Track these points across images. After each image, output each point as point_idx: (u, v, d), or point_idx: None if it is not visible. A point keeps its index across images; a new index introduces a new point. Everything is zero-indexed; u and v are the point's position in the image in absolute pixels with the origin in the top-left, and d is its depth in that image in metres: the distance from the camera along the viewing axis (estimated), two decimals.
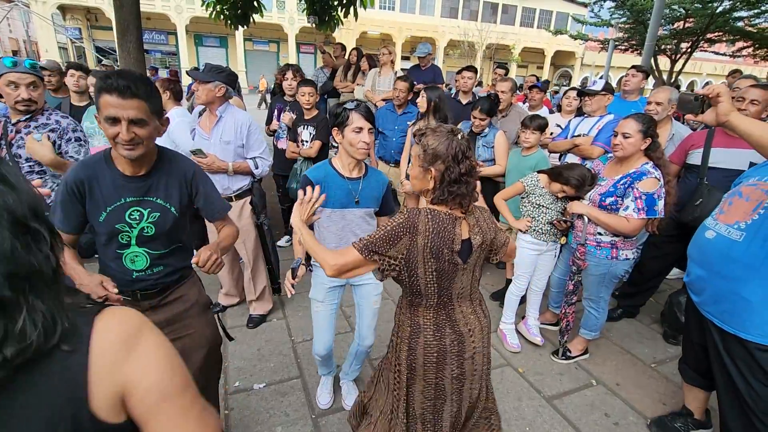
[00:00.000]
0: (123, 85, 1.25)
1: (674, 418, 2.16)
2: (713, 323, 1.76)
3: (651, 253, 3.03)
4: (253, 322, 2.92)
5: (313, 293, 2.04)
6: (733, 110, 1.53)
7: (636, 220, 2.20)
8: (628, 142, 2.22)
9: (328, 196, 1.81)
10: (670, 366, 2.69)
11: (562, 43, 29.64)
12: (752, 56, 11.75)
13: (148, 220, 1.45)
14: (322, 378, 2.29)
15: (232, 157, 2.60)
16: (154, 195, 1.46)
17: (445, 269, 1.32)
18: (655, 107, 2.92)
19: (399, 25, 28.62)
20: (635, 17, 11.59)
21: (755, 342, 1.60)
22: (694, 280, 1.87)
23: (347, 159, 1.83)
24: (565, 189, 2.45)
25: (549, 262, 2.76)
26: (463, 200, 1.32)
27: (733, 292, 1.65)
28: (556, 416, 2.25)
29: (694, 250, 1.90)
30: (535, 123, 2.96)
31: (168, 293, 1.58)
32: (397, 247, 1.30)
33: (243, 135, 2.60)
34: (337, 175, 1.84)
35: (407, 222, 1.29)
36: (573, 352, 2.69)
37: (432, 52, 5.19)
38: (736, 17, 10.43)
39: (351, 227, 1.89)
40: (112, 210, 1.41)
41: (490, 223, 1.42)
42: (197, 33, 26.06)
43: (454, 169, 1.27)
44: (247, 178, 2.73)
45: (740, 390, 1.67)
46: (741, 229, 1.64)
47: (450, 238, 1.29)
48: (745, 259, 1.60)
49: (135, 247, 1.47)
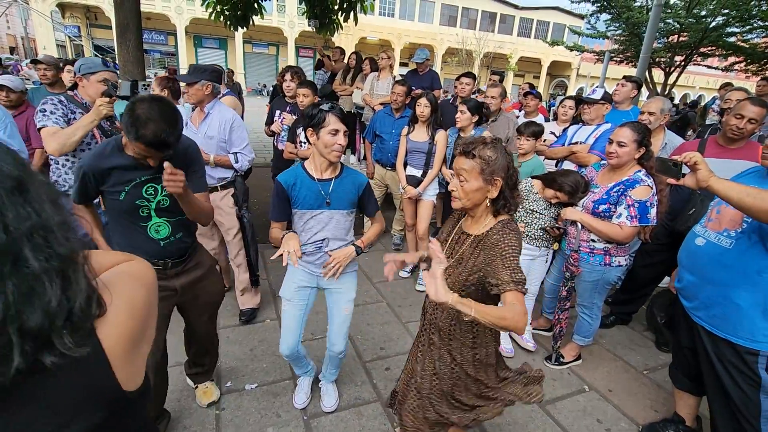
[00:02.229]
0: (160, 143, 1.47)
1: (666, 425, 2.18)
2: (704, 328, 1.79)
3: (643, 261, 3.06)
4: (246, 315, 2.97)
5: (282, 291, 2.04)
6: (711, 176, 1.58)
7: (629, 227, 2.22)
8: (623, 150, 2.25)
9: (299, 198, 1.86)
10: (662, 373, 2.70)
11: (559, 54, 29.99)
12: (743, 71, 11.94)
13: (162, 194, 1.66)
14: (300, 378, 2.29)
15: (214, 150, 2.75)
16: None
17: None
18: (648, 117, 2.96)
19: (398, 31, 28.84)
20: (631, 30, 11.75)
21: (745, 346, 1.63)
22: (686, 286, 1.90)
23: (320, 160, 1.84)
24: (558, 195, 2.47)
25: (541, 267, 2.78)
26: (516, 206, 1.44)
27: (724, 297, 1.68)
28: (548, 421, 2.25)
29: (684, 257, 1.93)
30: (529, 130, 2.99)
31: (188, 260, 1.84)
32: None
33: (226, 131, 2.75)
34: (307, 177, 1.85)
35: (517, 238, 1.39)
36: (566, 358, 2.70)
37: (430, 59, 5.24)
38: (728, 32, 10.62)
39: (324, 228, 1.89)
40: (131, 188, 1.60)
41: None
42: (197, 34, 26.06)
43: (513, 175, 1.39)
44: (229, 171, 2.88)
45: (730, 394, 1.70)
46: (731, 237, 1.69)
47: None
48: (735, 265, 1.65)
49: (155, 218, 1.69)
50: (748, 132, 2.48)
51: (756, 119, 2.44)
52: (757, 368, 1.62)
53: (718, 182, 1.57)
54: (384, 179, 3.90)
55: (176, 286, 1.80)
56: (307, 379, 2.29)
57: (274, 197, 1.88)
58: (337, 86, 5.90)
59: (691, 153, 1.61)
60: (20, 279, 0.49)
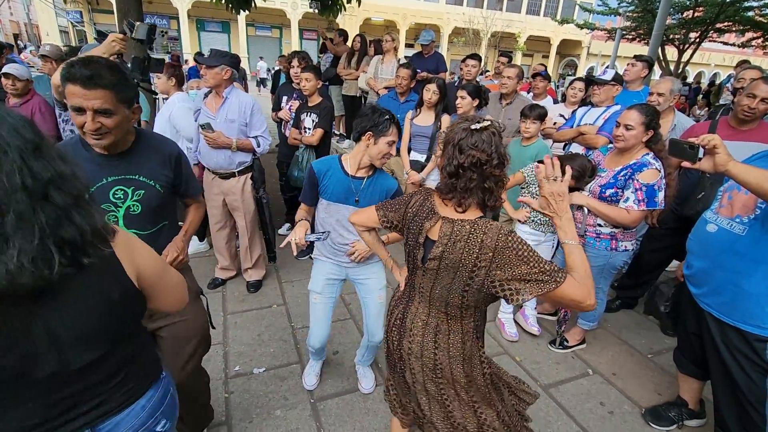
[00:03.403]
0: (86, 75, 1.23)
1: (669, 408, 2.19)
2: (711, 315, 1.78)
3: (650, 246, 3.04)
4: (254, 287, 3.20)
5: (312, 285, 2.09)
6: (730, 160, 1.51)
7: (636, 211, 2.19)
8: (631, 134, 2.21)
9: (328, 188, 1.90)
10: (666, 357, 2.71)
11: (569, 32, 29.14)
12: (761, 47, 11.54)
13: (133, 199, 1.46)
14: (311, 360, 2.34)
15: (236, 134, 2.80)
16: (136, 173, 1.46)
17: (409, 252, 1.35)
18: (657, 98, 2.89)
19: (403, 11, 28.18)
20: (643, 6, 11.36)
21: (755, 333, 1.63)
22: (695, 273, 1.87)
23: (364, 160, 1.85)
24: None
25: (546, 252, 2.77)
26: (461, 198, 1.21)
27: (735, 284, 1.66)
28: (551, 404, 2.28)
29: (694, 243, 1.90)
30: (534, 113, 2.93)
31: None
32: (397, 212, 1.42)
33: (246, 115, 2.82)
34: (341, 171, 1.88)
35: (409, 194, 1.41)
36: (570, 342, 2.72)
37: (435, 40, 5.13)
38: (746, 6, 10.22)
39: (345, 223, 1.91)
40: (95, 191, 1.40)
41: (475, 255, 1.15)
42: (199, 18, 25.73)
43: (453, 160, 1.20)
44: (248, 155, 2.95)
45: (736, 380, 1.70)
46: (743, 223, 1.66)
47: (418, 226, 1.29)
48: (748, 252, 1.62)
49: (123, 228, 1.47)
50: (761, 112, 2.40)
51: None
52: (766, 355, 1.62)
53: (736, 166, 1.51)
54: (389, 164, 3.88)
55: None
56: (318, 363, 2.34)
57: (306, 180, 1.95)
58: (342, 70, 5.83)
59: (710, 135, 1.53)
60: (50, 210, 0.72)
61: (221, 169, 2.88)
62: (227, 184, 2.93)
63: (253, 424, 2.04)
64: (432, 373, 1.35)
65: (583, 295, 1.12)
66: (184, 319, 1.62)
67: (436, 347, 1.32)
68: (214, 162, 2.85)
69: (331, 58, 6.49)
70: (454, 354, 1.31)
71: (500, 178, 1.22)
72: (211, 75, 2.66)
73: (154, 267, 0.99)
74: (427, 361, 1.34)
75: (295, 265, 3.62)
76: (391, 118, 1.81)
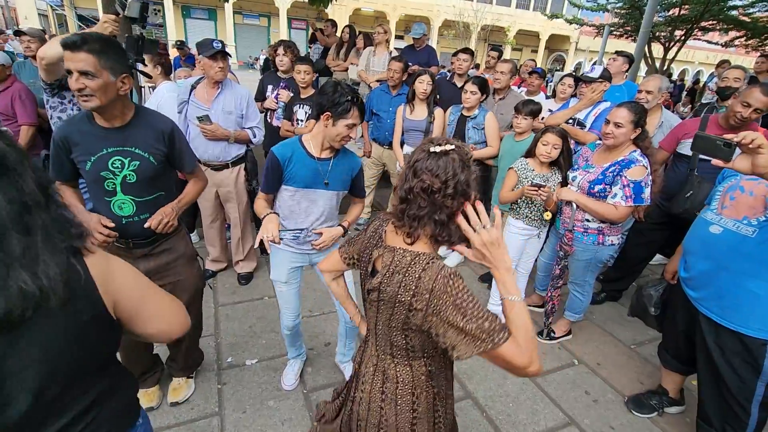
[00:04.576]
0: (72, 41, 1.41)
1: (650, 396, 2.28)
2: (707, 318, 1.78)
3: (636, 240, 3.11)
4: (245, 279, 3.20)
5: (275, 275, 2.01)
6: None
7: (624, 207, 2.25)
8: (620, 131, 2.25)
9: (294, 175, 1.80)
10: (649, 347, 2.80)
11: (558, 27, 29.30)
12: (744, 46, 11.79)
13: (129, 168, 1.62)
14: (290, 360, 2.31)
15: (233, 126, 2.80)
16: (132, 145, 1.62)
17: (361, 283, 1.21)
18: (646, 96, 2.95)
19: (393, 2, 27.94)
20: (631, 3, 11.48)
21: (755, 337, 1.64)
22: (696, 275, 1.84)
23: (324, 142, 1.79)
24: (543, 150, 2.52)
25: (536, 246, 2.83)
26: (410, 228, 1.06)
27: (741, 286, 1.65)
28: (538, 393, 2.35)
29: (696, 245, 1.86)
30: (527, 108, 2.97)
31: (157, 244, 1.79)
32: (356, 245, 1.29)
33: (243, 106, 2.82)
34: (306, 155, 1.80)
35: (369, 221, 1.28)
36: (557, 333, 2.79)
37: (427, 33, 5.12)
38: (731, 6, 10.41)
39: (316, 208, 1.87)
40: (96, 159, 1.58)
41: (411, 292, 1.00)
42: (185, 4, 25.13)
43: (405, 183, 1.06)
44: (243, 147, 2.95)
45: (725, 379, 1.73)
46: (752, 225, 1.63)
47: (368, 254, 1.17)
48: (756, 254, 1.61)
49: (121, 194, 1.65)
50: (751, 120, 2.43)
51: (762, 109, 2.37)
52: (764, 358, 1.64)
53: None
54: (381, 158, 3.89)
55: (140, 268, 1.60)
56: (298, 362, 2.32)
57: (266, 168, 1.81)
58: (331, 61, 5.77)
59: (753, 133, 1.37)
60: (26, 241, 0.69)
61: (215, 161, 2.85)
62: (220, 175, 2.90)
63: (246, 415, 2.05)
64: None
65: (524, 361, 0.95)
66: (179, 280, 1.86)
67: (383, 399, 1.14)
68: (208, 154, 2.81)
69: (320, 49, 6.41)
70: (402, 408, 1.12)
71: (455, 212, 1.03)
72: (225, 66, 2.66)
73: (131, 290, 0.88)
74: (372, 419, 1.15)
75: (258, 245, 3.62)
76: (354, 99, 1.69)
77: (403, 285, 1.01)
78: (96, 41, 1.44)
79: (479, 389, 2.33)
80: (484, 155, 3.29)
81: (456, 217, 1.04)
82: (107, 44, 1.48)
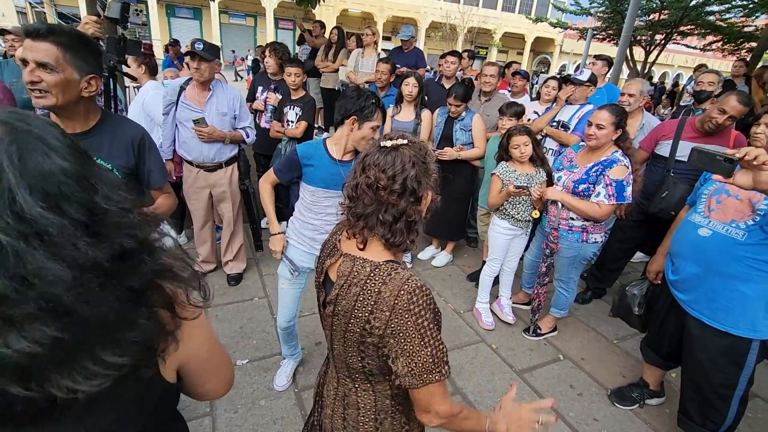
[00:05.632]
0: (36, 28, 1.25)
1: (632, 389, 2.35)
2: (696, 319, 1.82)
3: (617, 237, 3.20)
4: (234, 279, 3.19)
5: (281, 269, 2.05)
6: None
7: (607, 205, 2.33)
8: (602, 132, 2.33)
9: (313, 175, 1.86)
10: (630, 342, 2.89)
11: (543, 30, 29.75)
12: (721, 50, 12.17)
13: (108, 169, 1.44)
14: (284, 360, 2.32)
15: (228, 127, 2.82)
16: (95, 155, 1.45)
17: (317, 293, 1.09)
18: (628, 99, 3.05)
19: (380, 3, 28.04)
20: (613, 7, 11.76)
21: (743, 336, 1.70)
22: (685, 278, 1.86)
23: (348, 145, 1.83)
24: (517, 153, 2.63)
25: (521, 244, 2.90)
26: (355, 228, 0.97)
27: (732, 289, 1.69)
28: (525, 388, 2.41)
29: (685, 248, 1.86)
30: (511, 110, 3.05)
31: None
32: None
33: (236, 107, 2.83)
34: (327, 156, 1.85)
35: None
36: (543, 330, 2.86)
37: (414, 35, 5.18)
38: (708, 11, 10.76)
39: (334, 207, 1.89)
40: None
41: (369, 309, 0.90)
42: (169, 3, 24.82)
43: (353, 178, 0.99)
44: (236, 147, 2.97)
45: (709, 376, 1.80)
46: (740, 228, 1.66)
47: (322, 262, 1.06)
48: (747, 256, 1.64)
49: None
50: (725, 126, 2.54)
51: (736, 117, 2.48)
52: (748, 354, 1.71)
53: None
54: None
55: None
56: (291, 363, 2.32)
57: (286, 159, 1.92)
58: (320, 62, 5.79)
59: (756, 150, 1.33)
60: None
61: (209, 162, 2.84)
62: (214, 176, 2.89)
63: (238, 414, 2.06)
64: None
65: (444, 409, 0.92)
66: None
67: (344, 426, 1.04)
68: (203, 156, 2.80)
69: (308, 50, 6.42)
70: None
71: (403, 211, 0.94)
72: (209, 68, 2.64)
73: (207, 351, 0.76)
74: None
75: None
76: (377, 102, 1.77)
77: (360, 299, 0.90)
78: (66, 34, 1.29)
79: (468, 385, 2.38)
80: (471, 156, 3.34)
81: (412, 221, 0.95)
82: (79, 40, 1.33)
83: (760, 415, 2.36)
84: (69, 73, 1.31)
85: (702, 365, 1.83)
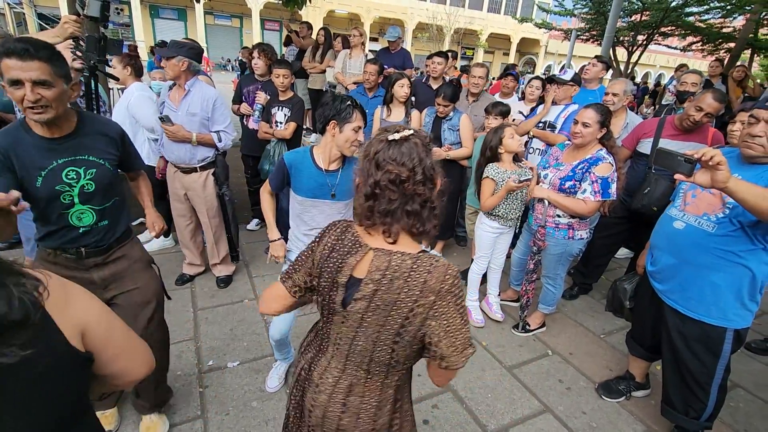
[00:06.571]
0: (22, 48, 1.27)
1: (618, 382, 2.40)
2: (673, 309, 1.89)
3: (601, 233, 3.26)
4: (223, 282, 3.17)
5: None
6: (730, 177, 1.43)
7: (592, 202, 2.38)
8: (588, 131, 2.38)
9: (299, 184, 1.88)
10: (616, 336, 2.95)
11: (528, 31, 30.15)
12: (700, 51, 12.48)
13: (86, 178, 1.53)
14: (276, 362, 2.31)
15: (197, 128, 2.73)
16: (85, 153, 1.53)
17: (324, 296, 1.06)
18: (612, 98, 3.11)
19: (367, 4, 28.09)
20: (597, 8, 11.97)
21: (716, 325, 1.77)
22: (661, 269, 1.94)
23: (333, 152, 1.84)
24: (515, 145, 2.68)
25: (507, 241, 2.94)
26: (383, 225, 0.99)
27: (703, 278, 1.76)
28: (515, 383, 2.44)
29: (661, 240, 1.95)
30: (497, 109, 3.09)
31: (111, 252, 1.69)
32: (304, 267, 1.11)
33: (208, 109, 2.75)
34: (312, 165, 1.86)
35: (317, 235, 1.11)
36: (532, 326, 2.90)
37: (401, 36, 5.21)
38: (687, 12, 11.03)
39: (323, 216, 1.92)
40: (48, 173, 1.45)
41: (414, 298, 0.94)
42: (153, 4, 24.48)
43: (369, 177, 0.99)
44: (211, 150, 2.88)
45: (688, 364, 1.86)
46: (711, 221, 1.72)
47: (337, 263, 1.02)
48: (717, 248, 1.71)
49: (79, 205, 1.55)
50: (703, 123, 2.61)
51: (712, 114, 2.55)
52: (723, 343, 1.78)
53: (736, 184, 1.44)
54: None
55: (95, 278, 1.66)
56: (283, 365, 2.31)
57: (276, 167, 1.96)
58: (307, 63, 5.79)
59: (713, 151, 1.41)
60: None
61: (182, 164, 2.81)
62: (189, 179, 2.86)
63: (229, 417, 2.05)
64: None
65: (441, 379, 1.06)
66: (138, 287, 1.75)
67: (343, 410, 1.07)
68: (175, 155, 2.78)
69: (295, 51, 6.42)
70: (364, 420, 1.06)
71: (427, 199, 0.99)
72: (170, 66, 2.60)
73: (105, 325, 0.80)
74: (329, 424, 1.09)
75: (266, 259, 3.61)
76: (354, 103, 1.78)
77: (405, 291, 0.94)
78: (43, 48, 1.32)
79: (459, 382, 2.40)
80: (459, 155, 3.38)
81: (433, 205, 1.00)
82: (53, 50, 1.37)
83: (741, 405, 2.43)
84: (60, 84, 1.37)
85: (680, 354, 1.89)
